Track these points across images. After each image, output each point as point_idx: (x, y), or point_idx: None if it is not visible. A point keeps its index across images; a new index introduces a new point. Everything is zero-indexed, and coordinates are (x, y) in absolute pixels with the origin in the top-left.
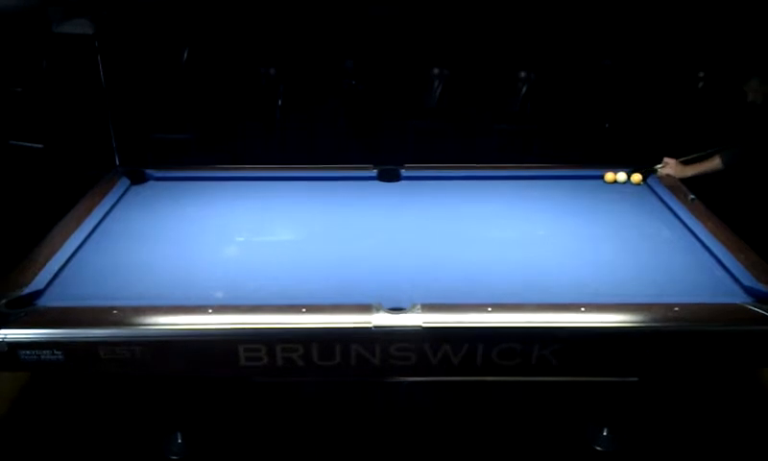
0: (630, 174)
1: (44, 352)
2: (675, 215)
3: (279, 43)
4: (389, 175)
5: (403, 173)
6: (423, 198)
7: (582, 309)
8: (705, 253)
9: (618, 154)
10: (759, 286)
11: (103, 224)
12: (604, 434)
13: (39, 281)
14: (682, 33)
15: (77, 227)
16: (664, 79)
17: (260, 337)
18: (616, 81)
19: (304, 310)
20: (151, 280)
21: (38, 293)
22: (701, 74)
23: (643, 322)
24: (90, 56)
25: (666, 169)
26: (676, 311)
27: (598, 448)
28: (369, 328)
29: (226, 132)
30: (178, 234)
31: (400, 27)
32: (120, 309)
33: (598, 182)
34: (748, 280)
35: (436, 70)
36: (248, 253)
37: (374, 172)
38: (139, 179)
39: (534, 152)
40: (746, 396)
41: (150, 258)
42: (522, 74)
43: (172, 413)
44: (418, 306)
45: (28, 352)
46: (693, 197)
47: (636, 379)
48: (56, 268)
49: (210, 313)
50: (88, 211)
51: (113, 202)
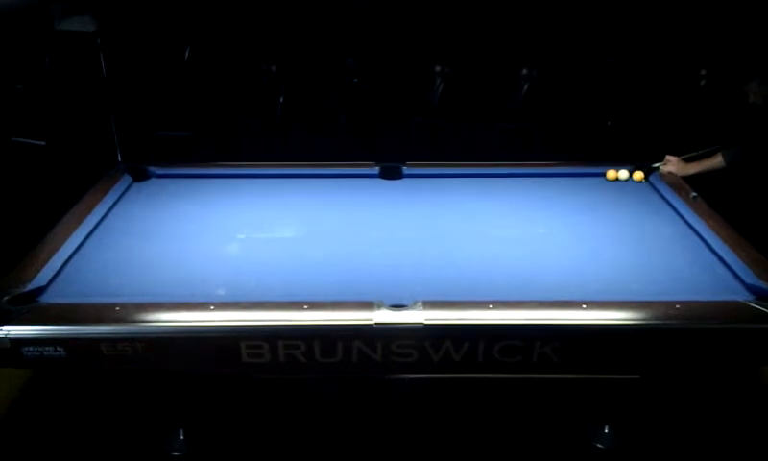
0: (632, 171)
1: (47, 349)
2: (677, 213)
3: (281, 41)
4: (390, 172)
5: (405, 170)
6: (425, 195)
7: (583, 306)
8: (706, 250)
9: (620, 151)
10: (761, 284)
11: (105, 221)
12: (605, 431)
13: (42, 278)
14: (683, 31)
15: (79, 223)
16: (666, 77)
17: (262, 334)
18: (618, 78)
19: (306, 307)
20: (153, 277)
21: (41, 289)
22: (703, 72)
23: (645, 319)
24: (92, 53)
25: (668, 167)
26: (677, 309)
27: (599, 445)
28: (370, 325)
29: (227, 129)
30: (180, 231)
31: (402, 25)
32: (122, 306)
33: (600, 180)
34: (749, 278)
35: (438, 68)
36: (249, 250)
37: (376, 169)
38: (141, 176)
39: (535, 149)
40: (747, 393)
41: (152, 255)
42: (524, 72)
43: (174, 410)
44: (419, 303)
45: (30, 349)
46: (695, 194)
47: (638, 377)
48: (58, 265)
49: (212, 310)
50: (90, 208)
51: (115, 199)
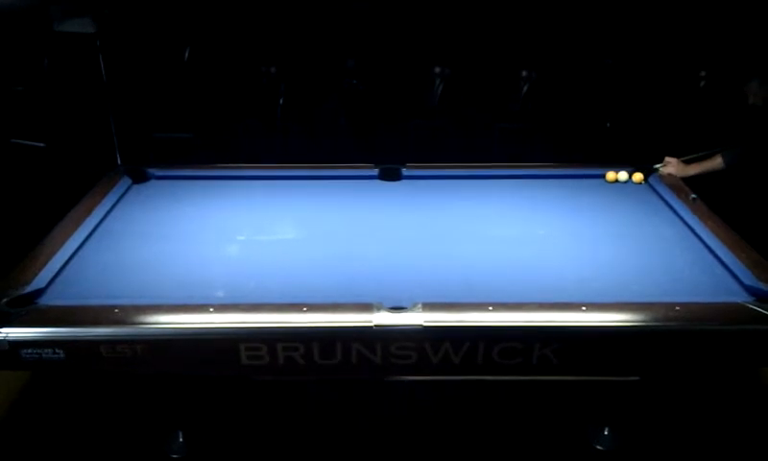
0: (631, 173)
1: (45, 351)
2: (676, 214)
3: (280, 42)
4: (390, 174)
5: (404, 172)
6: (424, 197)
7: (583, 308)
8: (706, 252)
9: (619, 153)
10: (760, 285)
11: (104, 223)
12: (605, 433)
13: (41, 280)
14: (683, 32)
15: (78, 225)
16: (666, 78)
17: (261, 336)
18: (618, 80)
19: (305, 309)
20: (152, 279)
21: (40, 291)
22: (702, 73)
23: (644, 321)
24: (92, 54)
25: (668, 168)
26: (677, 310)
27: (599, 447)
28: (370, 327)
29: (227, 131)
30: (179, 233)
31: (402, 26)
32: (121, 308)
33: (599, 182)
34: (749, 279)
35: (437, 69)
36: (249, 252)
37: (375, 171)
38: (141, 177)
39: (535, 151)
40: (747, 395)
41: (151, 257)
42: (524, 73)
43: (173, 412)
44: (419, 305)
45: (29, 351)
46: (695, 196)
47: (637, 379)
48: (57, 267)
49: (211, 312)
50: (90, 210)
51: (115, 200)
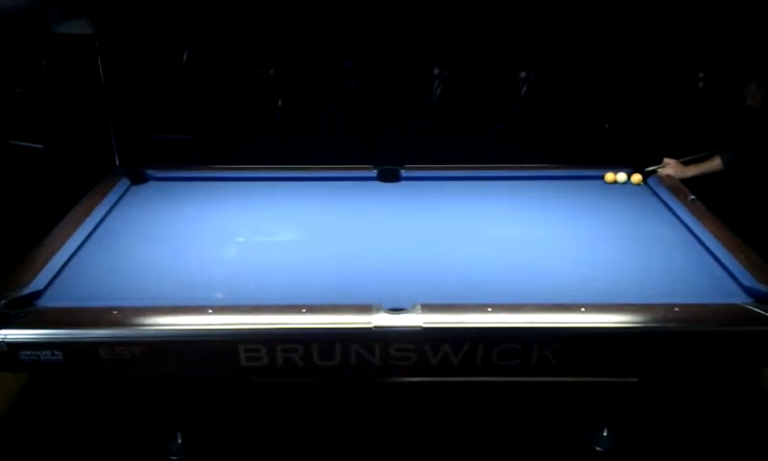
0: (630, 174)
1: (44, 353)
2: (675, 215)
3: (279, 44)
4: (389, 175)
5: (403, 173)
6: (423, 198)
7: (582, 310)
8: (705, 253)
9: (618, 154)
10: (759, 286)
11: (103, 224)
12: (604, 434)
13: (39, 282)
14: (682, 33)
15: (77, 227)
16: (664, 79)
17: (260, 337)
18: (616, 81)
19: (304, 310)
20: (151, 281)
21: (38, 293)
22: (701, 75)
23: (643, 322)
24: (90, 56)
25: (666, 169)
26: (676, 312)
27: (598, 448)
28: (369, 329)
29: (225, 132)
30: (178, 235)
31: (400, 27)
32: (120, 310)
33: (598, 183)
34: (748, 281)
35: (436, 70)
36: (248, 253)
37: (374, 172)
38: (139, 179)
39: (534, 152)
40: (746, 396)
41: (150, 259)
42: (522, 74)
43: (172, 413)
44: (418, 307)
45: (28, 353)
46: (693, 197)
47: (636, 380)
48: (56, 268)
49: (210, 313)
50: (88, 211)
51: (113, 202)
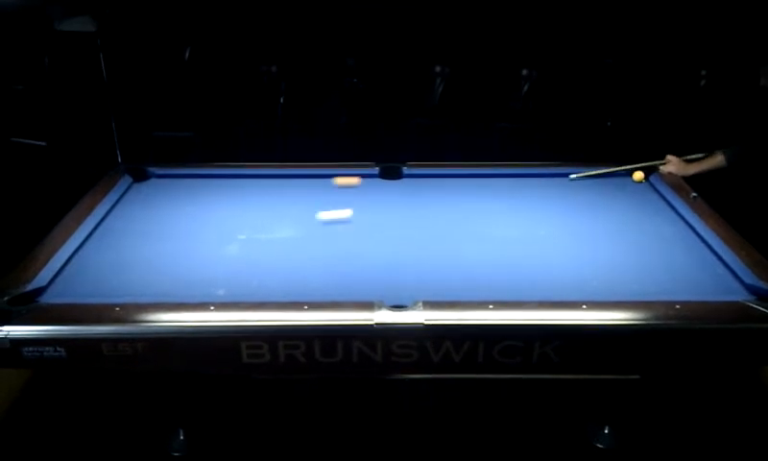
0: (633, 172)
1: (47, 349)
2: (677, 213)
3: (281, 41)
4: (390, 173)
5: (405, 171)
6: (425, 196)
7: (583, 307)
8: (706, 250)
9: (620, 152)
10: (761, 284)
11: (105, 221)
12: (605, 432)
13: (42, 278)
14: (684, 31)
15: (79, 224)
16: (667, 77)
17: (262, 334)
18: (618, 79)
19: (306, 307)
20: (153, 278)
21: (41, 290)
22: (703, 72)
23: (645, 319)
24: (92, 53)
25: (668, 167)
26: (677, 309)
27: (599, 445)
28: (371, 326)
29: (227, 130)
30: (179, 232)
31: (402, 25)
32: (122, 306)
33: (600, 180)
34: (750, 278)
35: (438, 68)
36: (249, 250)
37: (376, 170)
38: (141, 176)
39: (535, 150)
40: (747, 394)
41: (152, 256)
42: (524, 72)
43: (174, 410)
44: (419, 304)
45: (30, 349)
46: (695, 195)
47: (638, 377)
48: (58, 265)
49: (212, 310)
50: (90, 209)
51: (115, 199)
